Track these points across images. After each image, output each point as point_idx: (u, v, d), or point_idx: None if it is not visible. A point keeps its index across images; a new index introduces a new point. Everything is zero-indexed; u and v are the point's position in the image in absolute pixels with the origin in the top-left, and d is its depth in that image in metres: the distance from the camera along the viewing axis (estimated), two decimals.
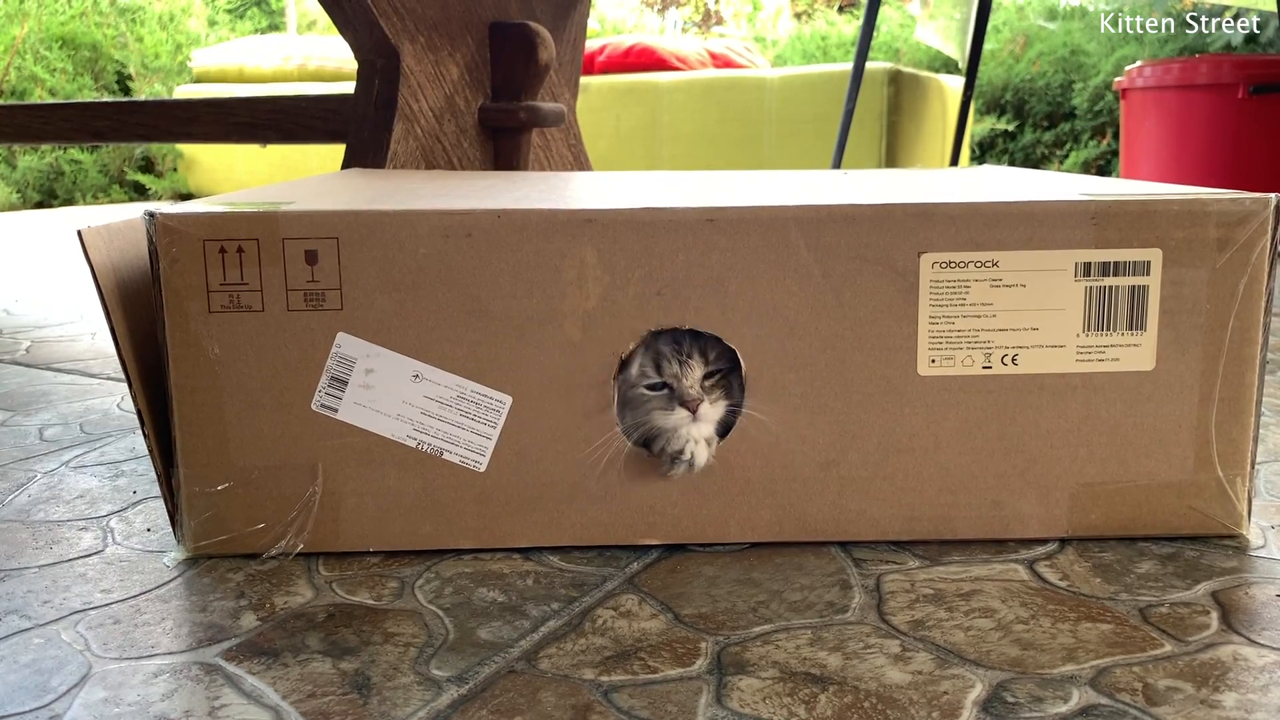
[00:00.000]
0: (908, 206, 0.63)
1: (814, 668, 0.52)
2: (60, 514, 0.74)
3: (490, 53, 1.21)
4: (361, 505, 0.65)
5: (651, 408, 0.66)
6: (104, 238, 0.64)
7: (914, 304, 0.63)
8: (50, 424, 0.97)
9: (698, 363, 0.66)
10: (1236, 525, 0.67)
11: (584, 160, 1.38)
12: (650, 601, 0.60)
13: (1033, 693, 0.49)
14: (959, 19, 2.82)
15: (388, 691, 0.50)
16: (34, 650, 0.55)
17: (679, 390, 0.65)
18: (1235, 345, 0.64)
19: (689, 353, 0.66)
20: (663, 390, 0.65)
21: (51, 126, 1.48)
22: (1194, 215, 0.63)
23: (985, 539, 0.67)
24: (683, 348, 0.66)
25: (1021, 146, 3.78)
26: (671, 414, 0.65)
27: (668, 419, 0.65)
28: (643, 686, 0.51)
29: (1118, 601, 0.59)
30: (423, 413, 0.64)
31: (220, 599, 0.61)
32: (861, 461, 0.65)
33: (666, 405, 0.65)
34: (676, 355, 0.66)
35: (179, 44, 4.35)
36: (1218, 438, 0.65)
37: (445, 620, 0.58)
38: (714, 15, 5.62)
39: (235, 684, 0.51)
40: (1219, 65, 2.14)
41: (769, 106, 3.05)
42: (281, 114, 1.26)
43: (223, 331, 0.63)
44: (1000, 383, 0.65)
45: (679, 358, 0.66)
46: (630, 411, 0.66)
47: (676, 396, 0.65)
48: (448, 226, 0.62)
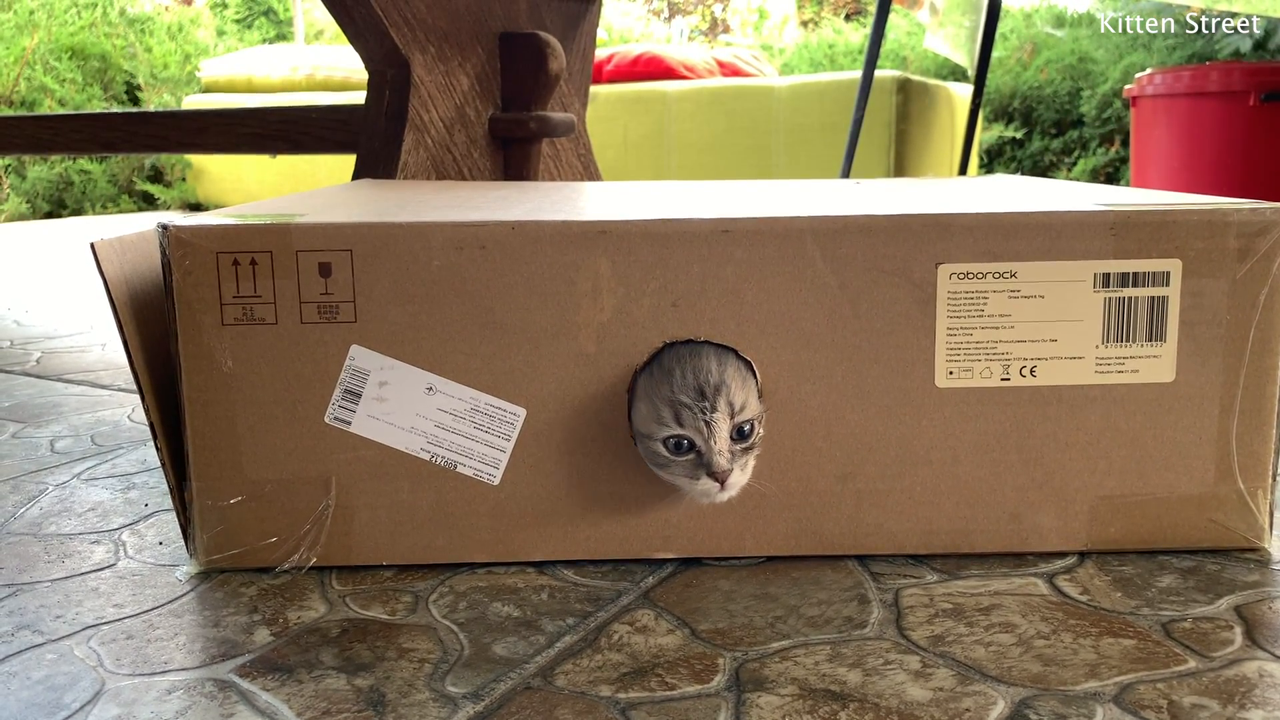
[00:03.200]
0: (924, 217, 0.62)
1: (834, 684, 0.51)
2: (72, 527, 0.74)
3: (500, 63, 1.21)
4: (375, 519, 0.65)
5: (675, 472, 0.61)
6: (117, 250, 0.64)
7: (931, 315, 0.63)
8: (61, 436, 0.97)
9: (724, 414, 0.60)
10: (1258, 538, 0.66)
11: (594, 170, 1.38)
12: (666, 617, 0.59)
13: (1056, 710, 0.49)
14: (967, 27, 2.81)
15: (403, 709, 0.50)
16: (46, 666, 0.54)
17: (707, 457, 0.59)
18: (1256, 356, 0.63)
19: (714, 402, 0.59)
20: (688, 454, 0.60)
21: (62, 137, 1.48)
22: (1214, 225, 0.62)
23: (1004, 552, 0.66)
24: (706, 394, 0.59)
25: (1029, 154, 3.77)
26: (697, 483, 0.60)
27: (693, 486, 0.61)
28: (660, 704, 0.50)
29: (1139, 616, 0.58)
30: (436, 425, 0.64)
31: (233, 614, 0.60)
32: (879, 474, 0.65)
33: (692, 473, 0.60)
34: (699, 406, 0.59)
35: (187, 54, 4.37)
36: (1239, 450, 0.65)
37: (460, 635, 0.57)
38: (721, 24, 5.62)
39: (249, 700, 0.51)
40: (1230, 73, 2.13)
41: (777, 115, 3.05)
42: (291, 124, 1.26)
43: (236, 344, 0.62)
44: (1019, 395, 0.64)
45: (702, 411, 0.59)
46: (645, 456, 0.63)
47: (704, 465, 0.60)
48: (461, 239, 0.62)
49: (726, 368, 0.61)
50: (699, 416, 0.59)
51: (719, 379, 0.60)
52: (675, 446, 0.60)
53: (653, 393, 0.61)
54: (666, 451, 0.61)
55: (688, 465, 0.60)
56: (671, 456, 0.61)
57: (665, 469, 0.62)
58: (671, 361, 0.62)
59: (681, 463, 0.61)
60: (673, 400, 0.60)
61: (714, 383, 0.60)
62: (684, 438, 0.60)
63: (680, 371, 0.61)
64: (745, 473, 0.61)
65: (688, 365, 0.61)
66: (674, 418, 0.60)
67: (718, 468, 0.59)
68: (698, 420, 0.59)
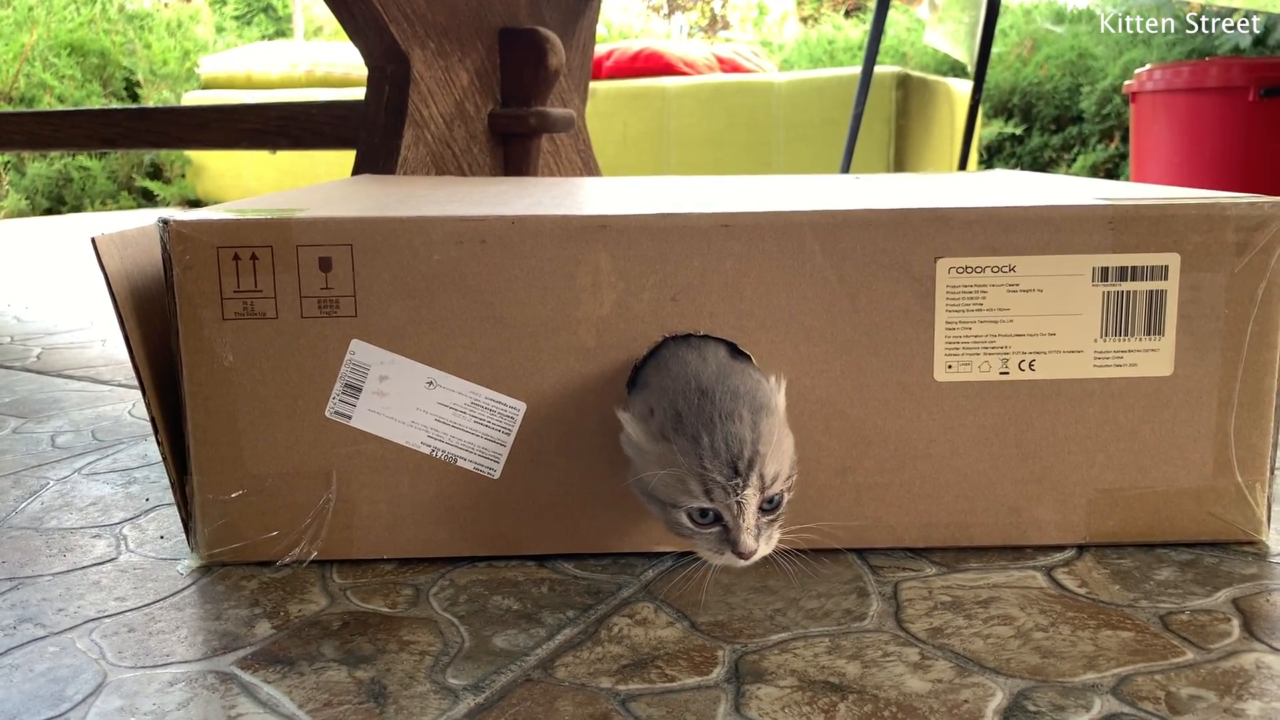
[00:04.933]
0: (924, 211, 0.62)
1: (833, 676, 0.52)
2: (73, 521, 0.74)
3: (500, 58, 1.21)
4: (375, 512, 0.65)
5: (698, 543, 0.57)
6: (118, 245, 0.64)
7: (930, 309, 0.63)
8: (62, 431, 0.97)
9: (755, 490, 0.55)
10: (1256, 531, 0.66)
11: (593, 165, 1.38)
12: (666, 609, 0.59)
13: (1054, 701, 0.49)
14: (967, 23, 2.81)
15: (404, 700, 0.50)
16: (49, 659, 0.54)
17: (735, 535, 0.55)
18: (1254, 350, 0.64)
19: (746, 478, 0.54)
20: (713, 526, 0.56)
21: (62, 134, 1.48)
22: (1212, 220, 0.62)
23: (1002, 546, 0.67)
24: (739, 470, 0.54)
25: (1029, 150, 3.77)
26: (721, 556, 0.56)
27: (715, 557, 0.57)
28: (660, 695, 0.50)
29: (1137, 609, 0.58)
30: (437, 420, 0.64)
31: (234, 607, 0.60)
32: (878, 468, 0.65)
33: (716, 547, 0.56)
34: (732, 484, 0.54)
35: (187, 50, 4.37)
36: (1237, 443, 0.65)
37: (460, 628, 0.57)
38: (720, 20, 5.62)
39: (251, 693, 0.51)
40: (1229, 68, 2.13)
41: (777, 111, 3.04)
42: (291, 120, 1.26)
43: (236, 339, 0.63)
44: (1017, 388, 0.64)
45: (734, 489, 0.54)
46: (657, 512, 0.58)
47: (730, 542, 0.56)
48: (461, 233, 0.62)
49: (760, 429, 0.56)
50: (730, 495, 0.55)
51: (753, 450, 0.55)
52: (700, 516, 0.56)
53: (673, 455, 0.56)
54: (690, 523, 0.56)
55: (712, 539, 0.56)
56: (695, 528, 0.56)
57: (685, 537, 0.57)
58: (696, 423, 0.56)
59: (706, 535, 0.56)
60: (702, 474, 0.55)
61: (748, 456, 0.55)
62: (712, 510, 0.56)
63: (710, 440, 0.55)
64: (770, 544, 0.57)
65: (718, 431, 0.55)
66: (704, 492, 0.55)
67: (745, 549, 0.55)
68: (729, 499, 0.55)
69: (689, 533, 0.57)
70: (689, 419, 0.56)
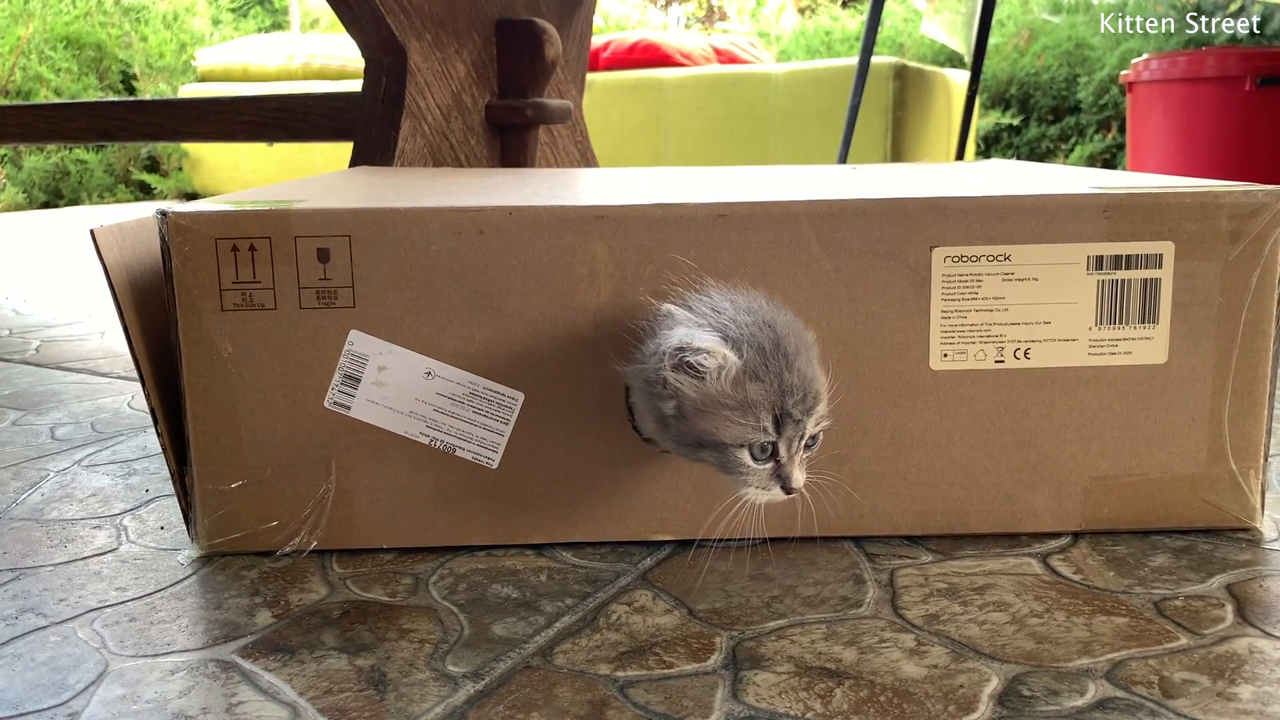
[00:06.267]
0: (919, 201, 0.63)
1: (829, 662, 0.52)
2: (73, 512, 0.74)
3: (497, 50, 1.21)
4: (374, 502, 0.65)
5: (750, 478, 0.56)
6: (117, 236, 0.64)
7: (926, 298, 0.63)
8: (61, 423, 0.97)
9: (812, 423, 0.56)
10: (1250, 518, 0.66)
11: (590, 157, 1.38)
12: (664, 597, 0.60)
13: (1049, 686, 0.49)
14: (964, 13, 2.81)
15: (404, 688, 0.50)
16: (51, 648, 0.55)
17: (787, 470, 0.56)
18: (1248, 338, 0.64)
19: (811, 409, 0.55)
20: (769, 462, 0.56)
21: (59, 126, 1.48)
22: (1206, 208, 0.63)
23: (998, 533, 0.67)
24: (809, 406, 0.55)
25: (1026, 141, 3.77)
26: (768, 492, 0.57)
27: (761, 494, 0.57)
28: (658, 681, 0.51)
29: (1132, 595, 0.59)
30: (435, 410, 0.64)
31: (235, 596, 0.61)
32: (874, 456, 0.65)
33: (766, 484, 0.56)
34: (804, 416, 0.55)
35: (183, 43, 4.36)
36: (1231, 431, 0.65)
37: (460, 616, 0.58)
38: (717, 11, 5.61)
39: (252, 681, 0.51)
40: (1226, 57, 2.13)
41: (774, 102, 3.04)
42: (289, 112, 1.26)
43: (235, 330, 0.63)
44: (1012, 377, 0.65)
45: (801, 422, 0.55)
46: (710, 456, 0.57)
47: (783, 478, 0.56)
48: (459, 224, 0.62)
49: (816, 367, 0.57)
50: (797, 430, 0.55)
51: (819, 386, 0.56)
52: (761, 451, 0.56)
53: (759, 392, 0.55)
54: (751, 460, 0.56)
55: (764, 475, 0.57)
56: (754, 464, 0.56)
57: (739, 475, 0.57)
58: (779, 361, 0.55)
59: (761, 472, 0.56)
60: (781, 411, 0.55)
61: (814, 391, 0.56)
62: (772, 445, 0.56)
63: (792, 377, 0.55)
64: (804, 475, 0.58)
65: (795, 368, 0.55)
66: (775, 426, 0.55)
67: (796, 483, 0.56)
68: (795, 432, 0.55)
69: (746, 471, 0.56)
70: (773, 357, 0.55)
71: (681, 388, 0.56)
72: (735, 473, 0.57)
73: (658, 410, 0.58)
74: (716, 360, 0.55)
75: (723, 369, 0.55)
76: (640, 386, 0.59)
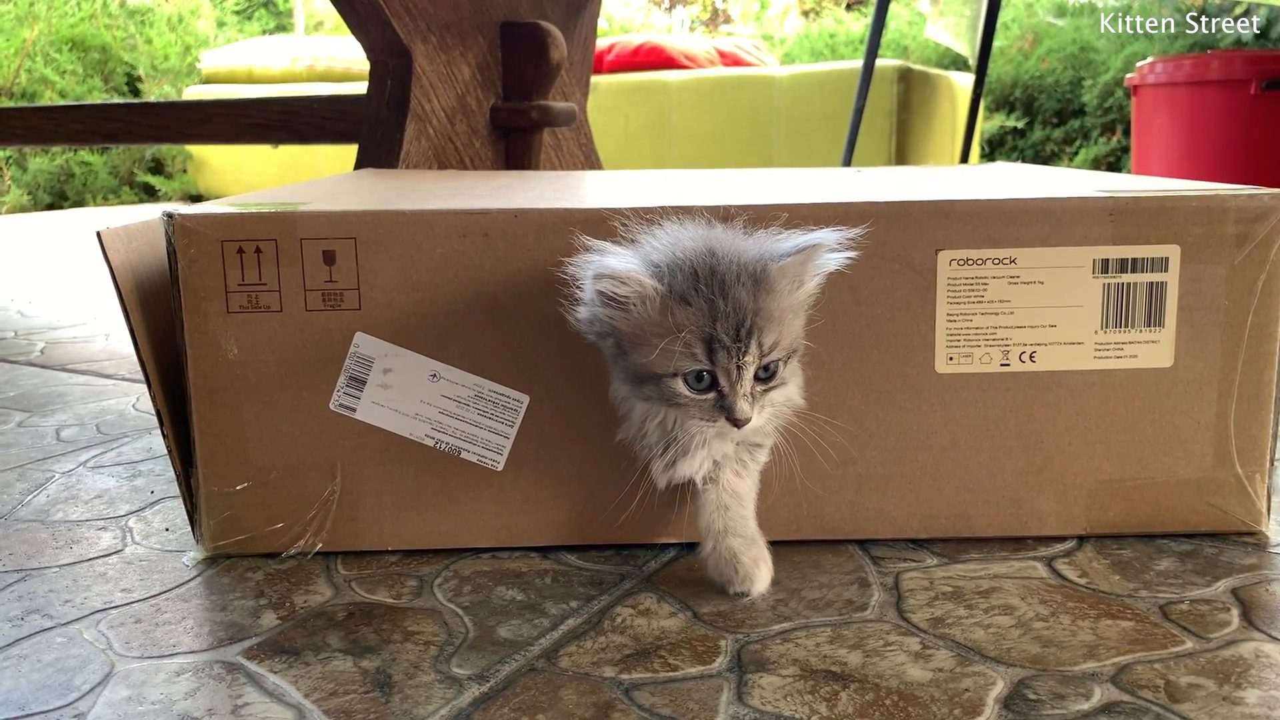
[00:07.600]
0: (925, 204, 0.63)
1: (834, 665, 0.52)
2: (79, 514, 0.74)
3: (502, 52, 1.21)
4: (380, 504, 0.65)
5: (691, 409, 0.55)
6: (123, 239, 0.64)
7: (931, 301, 0.63)
8: (67, 425, 0.97)
9: (754, 356, 0.54)
10: (1256, 522, 0.66)
11: (595, 159, 1.38)
12: (669, 600, 0.60)
13: (1054, 690, 0.49)
14: (968, 16, 2.81)
15: (409, 690, 0.50)
16: (56, 649, 0.55)
17: (730, 400, 0.54)
18: (1254, 341, 0.64)
19: (747, 343, 0.53)
20: (709, 392, 0.55)
21: (64, 128, 1.49)
22: (1212, 211, 0.63)
23: (1003, 537, 0.67)
24: (741, 334, 0.53)
25: (1031, 144, 3.76)
26: (714, 424, 0.55)
27: (708, 426, 0.56)
28: (664, 684, 0.51)
29: (1137, 599, 0.59)
30: (440, 412, 0.64)
31: (240, 598, 0.61)
32: (879, 460, 0.65)
33: (710, 414, 0.55)
34: (735, 347, 0.53)
35: (188, 45, 4.36)
36: (1236, 434, 0.65)
37: (465, 619, 0.58)
38: (722, 14, 5.61)
39: (257, 682, 0.51)
40: (1231, 61, 2.13)
41: (778, 105, 3.04)
42: (293, 114, 1.26)
43: (241, 332, 0.63)
44: (1018, 380, 0.64)
45: (737, 352, 0.53)
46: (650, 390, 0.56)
47: (724, 408, 0.55)
48: (465, 226, 0.62)
49: (759, 299, 0.54)
50: (732, 358, 0.53)
51: (754, 317, 0.54)
52: (697, 380, 0.54)
53: (684, 318, 0.54)
54: (686, 388, 0.55)
55: (707, 406, 0.55)
56: (691, 395, 0.55)
57: (680, 406, 0.56)
58: (710, 286, 0.54)
59: (701, 402, 0.55)
60: (710, 337, 0.53)
61: (749, 322, 0.54)
62: (709, 373, 0.54)
63: (722, 303, 0.53)
64: (763, 415, 0.56)
65: (729, 296, 0.54)
66: (707, 354, 0.54)
67: (741, 414, 0.54)
68: (730, 361, 0.53)
69: (684, 401, 0.55)
70: (706, 283, 0.54)
71: (614, 322, 0.55)
72: (676, 404, 0.55)
73: (613, 355, 0.57)
74: (631, 286, 0.53)
75: (643, 295, 0.54)
76: (593, 339, 0.58)
